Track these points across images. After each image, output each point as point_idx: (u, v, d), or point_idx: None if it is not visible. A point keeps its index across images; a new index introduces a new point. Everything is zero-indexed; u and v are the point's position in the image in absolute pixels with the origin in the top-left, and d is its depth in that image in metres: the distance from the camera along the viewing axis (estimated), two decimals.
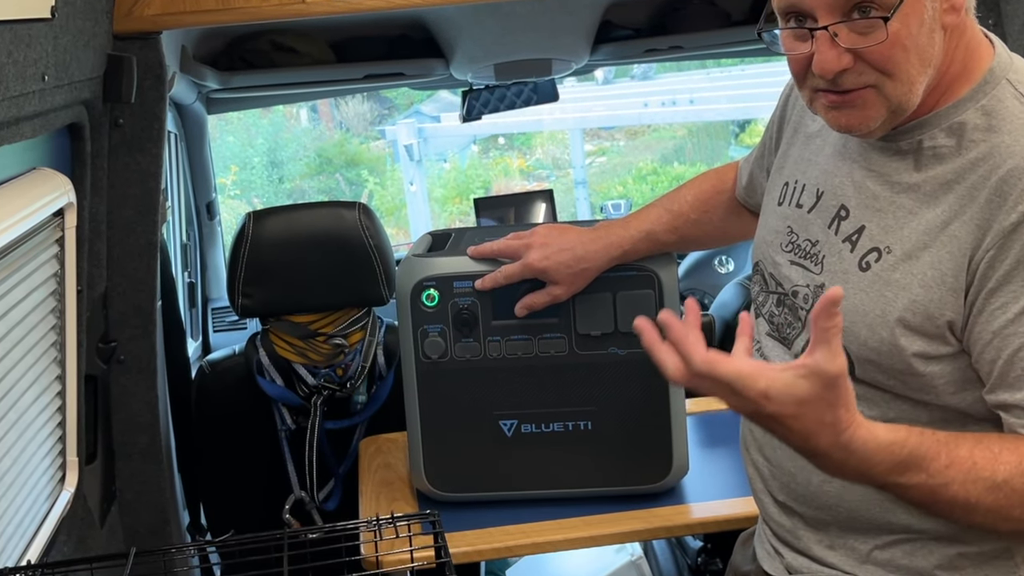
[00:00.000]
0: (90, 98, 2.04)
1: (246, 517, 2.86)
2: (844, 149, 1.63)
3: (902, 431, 1.41)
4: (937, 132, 1.50)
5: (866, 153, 1.58)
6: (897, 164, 1.54)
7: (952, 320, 1.46)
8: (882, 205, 1.54)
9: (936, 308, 1.46)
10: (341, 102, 11.72)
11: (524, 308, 2.07)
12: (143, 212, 2.28)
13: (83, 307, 2.13)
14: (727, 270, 4.12)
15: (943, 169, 1.48)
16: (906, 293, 1.48)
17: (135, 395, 2.40)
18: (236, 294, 2.69)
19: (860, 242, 1.56)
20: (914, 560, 1.59)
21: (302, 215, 2.74)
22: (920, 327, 1.48)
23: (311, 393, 2.76)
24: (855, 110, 1.47)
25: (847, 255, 1.57)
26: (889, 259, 1.51)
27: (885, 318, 1.50)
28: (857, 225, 1.57)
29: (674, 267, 2.10)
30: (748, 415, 1.40)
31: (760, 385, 1.33)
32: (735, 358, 1.37)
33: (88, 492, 2.22)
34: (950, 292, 1.46)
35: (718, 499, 2.18)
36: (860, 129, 1.49)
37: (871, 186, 1.57)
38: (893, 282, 1.50)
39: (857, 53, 1.42)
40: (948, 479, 1.40)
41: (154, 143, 2.25)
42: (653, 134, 11.87)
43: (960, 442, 1.42)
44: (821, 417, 1.34)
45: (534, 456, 2.16)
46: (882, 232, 1.53)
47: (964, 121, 1.48)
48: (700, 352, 1.36)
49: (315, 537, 1.65)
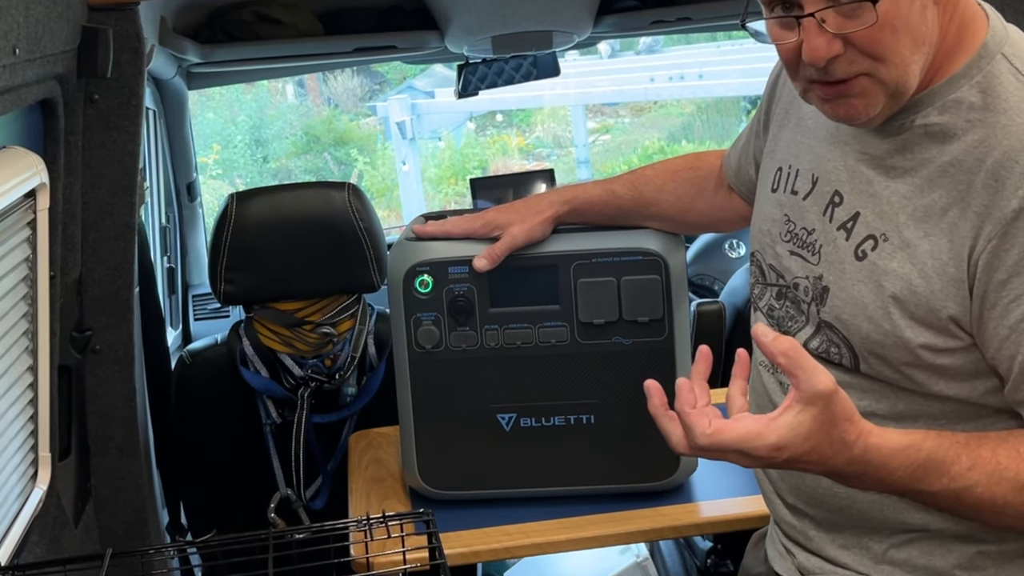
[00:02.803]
0: (63, 72, 2.03)
1: (229, 516, 2.86)
2: (837, 131, 1.62)
3: (917, 434, 1.42)
4: (930, 111, 1.49)
5: (859, 135, 1.58)
6: (889, 146, 1.53)
7: (955, 315, 1.46)
8: (876, 190, 1.54)
9: (938, 301, 1.46)
10: (329, 77, 11.73)
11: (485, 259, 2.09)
12: (120, 193, 2.28)
13: (56, 294, 2.12)
14: (737, 254, 4.12)
15: (938, 151, 1.48)
16: (904, 283, 1.48)
17: (111, 387, 2.40)
18: (218, 280, 2.68)
19: (855, 230, 1.55)
20: (932, 559, 1.59)
21: (288, 196, 2.74)
22: (924, 319, 1.48)
23: (298, 385, 2.76)
24: (852, 99, 1.47)
25: (842, 244, 1.57)
26: (886, 247, 1.51)
27: (886, 309, 1.50)
28: (851, 212, 1.56)
29: (682, 251, 2.10)
30: (762, 468, 1.44)
31: (771, 440, 1.37)
32: (738, 422, 1.41)
33: (61, 490, 2.22)
34: (951, 283, 1.45)
35: (729, 497, 2.18)
36: (859, 119, 1.49)
37: (864, 170, 1.56)
38: (890, 271, 1.50)
39: (847, 39, 1.41)
40: (971, 482, 1.40)
41: (131, 120, 2.25)
42: (660, 111, 11.89)
43: (982, 442, 1.42)
44: (830, 439, 1.37)
45: (534, 451, 2.16)
46: (877, 218, 1.53)
47: (959, 99, 1.47)
48: (702, 426, 1.41)
49: (302, 537, 1.65)
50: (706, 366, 1.50)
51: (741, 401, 1.46)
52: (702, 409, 1.43)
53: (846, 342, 1.55)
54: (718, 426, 1.40)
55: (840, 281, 1.55)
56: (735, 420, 1.41)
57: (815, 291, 1.59)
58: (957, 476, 1.40)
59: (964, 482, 1.40)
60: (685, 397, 1.44)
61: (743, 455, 1.39)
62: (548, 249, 2.09)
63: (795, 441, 1.36)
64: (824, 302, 1.58)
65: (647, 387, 1.50)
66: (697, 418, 1.41)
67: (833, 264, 1.57)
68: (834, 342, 1.57)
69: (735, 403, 1.46)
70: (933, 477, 1.40)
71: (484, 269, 2.07)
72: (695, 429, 1.41)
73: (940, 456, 1.40)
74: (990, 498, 1.41)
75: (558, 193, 2.13)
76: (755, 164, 1.92)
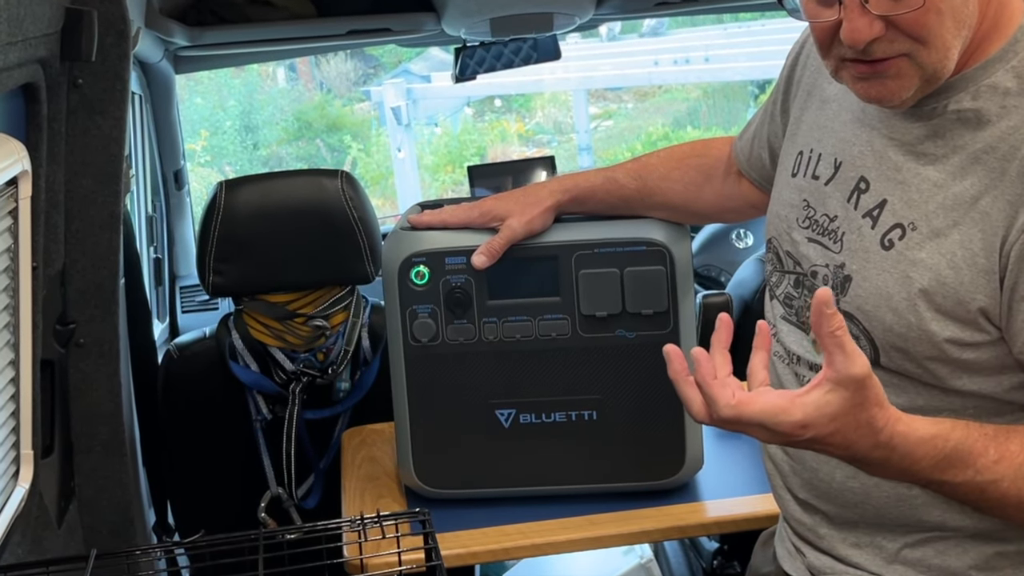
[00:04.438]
0: (46, 56, 2.03)
1: (218, 516, 2.86)
2: (863, 115, 1.62)
3: (945, 424, 1.42)
4: (963, 95, 1.49)
5: (887, 119, 1.57)
6: (920, 131, 1.53)
7: (985, 307, 1.45)
8: (905, 177, 1.53)
9: (967, 292, 1.46)
10: (322, 60, 11.72)
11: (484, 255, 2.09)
12: (105, 181, 2.27)
13: (38, 285, 2.12)
14: (745, 244, 4.12)
15: (971, 138, 1.48)
16: (933, 274, 1.48)
17: (96, 382, 2.39)
18: (207, 271, 2.68)
19: (882, 218, 1.55)
20: (947, 559, 1.59)
21: (279, 184, 2.74)
22: (951, 312, 1.47)
23: (289, 380, 2.76)
24: (887, 80, 1.46)
25: (868, 232, 1.56)
26: (914, 236, 1.50)
27: (912, 301, 1.49)
28: (878, 199, 1.56)
29: (687, 241, 2.10)
30: (782, 444, 1.43)
31: (796, 417, 1.37)
32: (761, 395, 1.40)
33: (44, 489, 2.22)
34: (982, 274, 1.45)
35: (736, 496, 2.19)
36: (891, 100, 1.48)
37: (893, 156, 1.56)
38: (919, 262, 1.49)
39: (889, 20, 1.41)
40: (998, 475, 1.41)
41: (116, 105, 2.24)
42: (664, 95, 11.88)
43: (1011, 435, 1.42)
44: (856, 422, 1.37)
45: (534, 449, 2.16)
46: (905, 207, 1.52)
47: (994, 84, 1.47)
48: (726, 397, 1.40)
49: (293, 538, 1.65)
50: (727, 334, 1.47)
51: (763, 374, 1.45)
52: (724, 379, 1.42)
53: (867, 334, 1.55)
54: (742, 398, 1.39)
55: (864, 271, 1.55)
56: (758, 393, 1.40)
57: (836, 280, 1.59)
58: (983, 469, 1.41)
59: (990, 475, 1.41)
60: (705, 367, 1.42)
61: (765, 429, 1.39)
62: (549, 239, 2.09)
63: (820, 421, 1.36)
64: (845, 292, 1.57)
65: (666, 352, 1.47)
66: (720, 389, 1.41)
67: (856, 253, 1.57)
68: (853, 334, 1.55)
69: (756, 376, 1.45)
70: (958, 468, 1.41)
71: (483, 266, 2.07)
72: (718, 400, 1.40)
73: (967, 447, 1.41)
74: (1016, 493, 1.41)
75: (559, 181, 2.13)
76: (768, 148, 1.92)
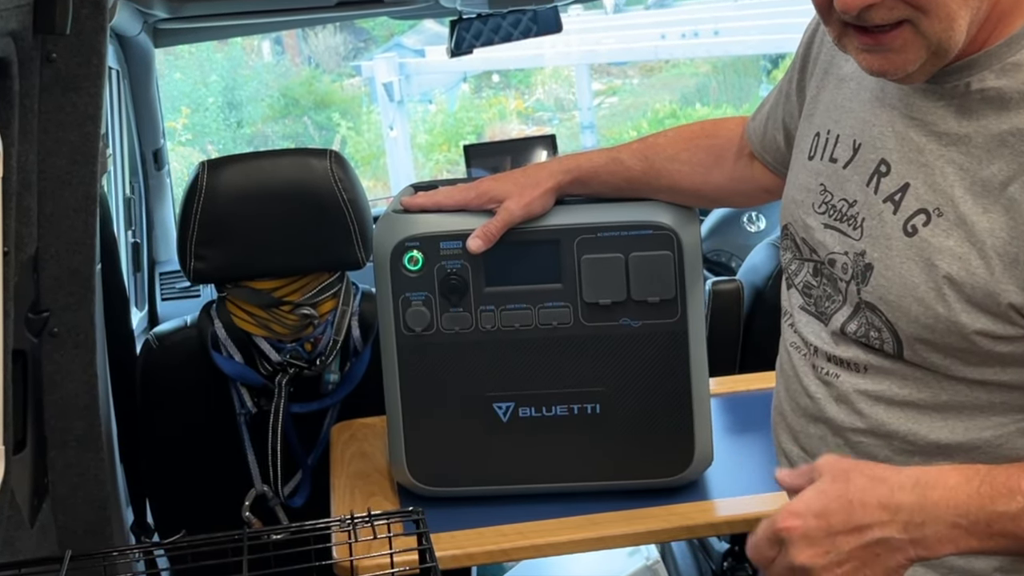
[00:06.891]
0: (18, 29, 2.03)
1: (199, 515, 2.87)
2: (883, 94, 1.61)
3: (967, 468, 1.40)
4: (987, 73, 1.47)
5: (908, 99, 1.56)
6: (943, 111, 1.52)
7: (1016, 303, 1.44)
8: (928, 159, 1.52)
9: (998, 285, 1.45)
10: (310, 33, 11.72)
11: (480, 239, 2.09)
12: (80, 161, 2.27)
13: (10, 271, 2.12)
14: (757, 228, 4.13)
15: (996, 118, 1.46)
16: (962, 264, 1.47)
17: (71, 373, 2.39)
18: (188, 256, 2.68)
19: (904, 202, 1.54)
20: (970, 560, 1.58)
21: (264, 164, 2.74)
22: (981, 303, 1.46)
23: (275, 371, 2.76)
24: (891, 52, 1.45)
25: (889, 217, 1.55)
26: (940, 223, 1.49)
27: (940, 291, 1.48)
28: (900, 183, 1.55)
29: (696, 224, 2.10)
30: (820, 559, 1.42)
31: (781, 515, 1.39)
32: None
33: (16, 486, 2.22)
34: (1013, 265, 1.44)
35: (747, 494, 2.19)
36: (896, 73, 1.48)
37: (915, 137, 1.55)
38: (946, 250, 1.48)
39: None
40: None
41: (92, 81, 2.24)
42: (672, 71, 11.88)
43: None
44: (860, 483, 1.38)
45: (533, 445, 2.16)
46: (929, 191, 1.51)
47: (1018, 62, 1.46)
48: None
49: (280, 538, 1.65)
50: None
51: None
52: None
53: (889, 326, 1.54)
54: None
55: (886, 259, 1.54)
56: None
57: (856, 268, 1.58)
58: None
59: None
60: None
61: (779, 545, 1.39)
62: (549, 222, 2.08)
63: (807, 513, 1.38)
64: (866, 281, 1.56)
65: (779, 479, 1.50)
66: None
67: (878, 239, 1.56)
68: (875, 325, 1.55)
69: None
70: (1005, 498, 1.35)
71: (478, 251, 2.06)
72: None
73: (1003, 471, 1.37)
74: None
75: (560, 162, 2.13)
76: (784, 129, 1.92)
